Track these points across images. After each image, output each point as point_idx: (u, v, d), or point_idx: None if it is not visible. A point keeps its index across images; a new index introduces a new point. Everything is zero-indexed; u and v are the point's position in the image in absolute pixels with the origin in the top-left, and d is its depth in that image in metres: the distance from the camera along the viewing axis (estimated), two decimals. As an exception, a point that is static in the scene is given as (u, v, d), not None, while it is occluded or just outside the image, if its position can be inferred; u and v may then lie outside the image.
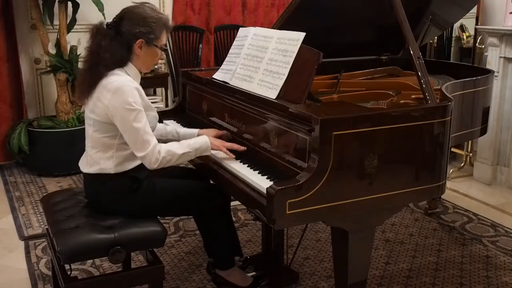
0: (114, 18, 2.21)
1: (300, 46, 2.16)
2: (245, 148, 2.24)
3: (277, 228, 1.82)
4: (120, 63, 2.18)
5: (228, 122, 2.48)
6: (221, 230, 2.42)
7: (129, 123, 2.08)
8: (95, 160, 2.20)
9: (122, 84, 2.10)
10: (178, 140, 2.45)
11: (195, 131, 2.51)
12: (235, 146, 2.24)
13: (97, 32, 2.19)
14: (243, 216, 3.51)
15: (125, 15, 2.19)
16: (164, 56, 2.33)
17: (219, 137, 2.39)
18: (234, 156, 2.20)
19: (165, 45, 2.27)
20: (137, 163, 2.22)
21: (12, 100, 4.43)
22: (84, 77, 2.21)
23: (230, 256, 2.51)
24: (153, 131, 2.19)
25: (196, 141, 2.24)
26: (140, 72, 2.28)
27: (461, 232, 3.34)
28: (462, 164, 4.50)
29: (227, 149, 2.24)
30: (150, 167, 2.14)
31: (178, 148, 2.18)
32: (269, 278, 2.58)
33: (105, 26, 2.19)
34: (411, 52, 2.21)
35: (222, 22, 5.35)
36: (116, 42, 2.16)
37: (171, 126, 2.61)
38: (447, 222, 3.49)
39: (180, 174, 2.49)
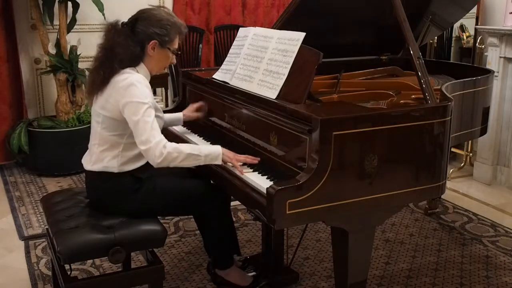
0: (129, 19, 2.23)
1: (300, 46, 2.16)
2: (259, 159, 2.18)
3: (277, 228, 1.82)
4: (133, 61, 2.20)
5: (228, 122, 2.48)
6: (221, 230, 2.43)
7: (138, 116, 2.08)
8: (100, 158, 2.20)
9: (135, 80, 2.12)
10: (165, 126, 2.54)
11: (180, 114, 2.67)
12: (249, 159, 2.17)
13: (112, 29, 2.20)
14: (243, 216, 3.51)
15: (141, 16, 2.21)
16: (175, 60, 2.34)
17: (198, 108, 2.69)
18: (243, 172, 2.11)
19: (178, 49, 2.28)
20: (141, 163, 2.23)
21: (12, 100, 4.43)
22: (96, 73, 2.20)
23: (230, 255, 2.51)
24: None
25: (207, 147, 2.21)
26: (150, 74, 2.28)
27: (461, 232, 3.34)
28: (462, 164, 4.50)
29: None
30: (154, 162, 2.09)
31: (186, 148, 2.14)
32: (269, 278, 2.58)
33: (119, 25, 2.21)
34: (411, 52, 2.21)
35: (222, 22, 5.35)
36: (130, 40, 2.18)
37: None
38: (447, 222, 3.49)
39: (180, 174, 2.49)
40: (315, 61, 2.09)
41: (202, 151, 2.17)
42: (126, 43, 2.17)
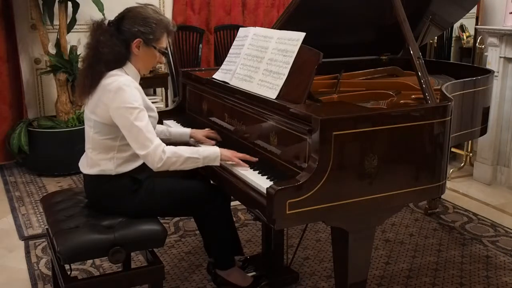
0: (116, 17, 2.21)
1: (300, 46, 2.16)
2: (257, 159, 2.17)
3: (277, 228, 1.82)
4: (119, 61, 2.17)
5: (228, 122, 2.48)
6: (221, 230, 2.42)
7: (130, 121, 2.06)
8: (96, 161, 2.19)
9: (123, 84, 2.10)
10: (169, 139, 2.48)
11: (187, 130, 2.53)
12: (248, 157, 2.16)
13: (97, 28, 2.19)
14: (243, 216, 3.51)
15: (126, 14, 2.19)
16: (164, 60, 2.32)
17: (210, 137, 2.48)
18: (248, 166, 2.12)
19: (165, 48, 2.27)
20: (137, 164, 2.22)
21: (12, 100, 4.43)
22: (84, 76, 2.19)
23: (230, 256, 2.51)
24: None
25: (205, 149, 2.20)
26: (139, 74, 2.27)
27: (461, 232, 3.34)
28: (462, 164, 4.50)
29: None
30: (153, 166, 2.09)
31: (185, 152, 2.13)
32: (269, 278, 2.58)
33: (106, 24, 2.19)
34: (411, 52, 2.21)
35: (222, 22, 5.35)
36: (115, 38, 2.15)
37: (163, 126, 2.60)
38: (447, 222, 3.49)
39: (179, 175, 2.48)
40: (315, 61, 2.09)
41: (201, 153, 2.16)
42: (110, 42, 2.14)
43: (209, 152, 2.18)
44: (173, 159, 2.10)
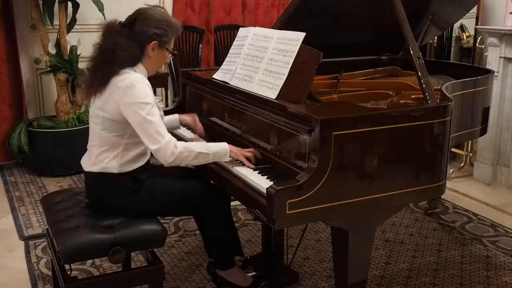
0: (127, 18, 2.22)
1: (300, 46, 2.16)
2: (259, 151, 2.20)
3: (277, 228, 1.82)
4: (132, 63, 2.19)
5: (228, 122, 2.48)
6: (221, 230, 2.43)
7: (142, 116, 2.07)
8: (100, 159, 2.20)
9: (134, 80, 2.11)
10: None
11: (175, 116, 2.59)
12: (256, 152, 2.19)
13: (111, 29, 2.19)
14: (243, 216, 3.51)
15: (139, 16, 2.20)
16: (169, 60, 2.35)
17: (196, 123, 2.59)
18: (253, 166, 2.13)
19: (174, 49, 2.28)
20: (140, 164, 2.23)
21: (12, 100, 4.43)
22: (94, 74, 2.19)
23: (230, 256, 2.51)
24: None
25: (214, 145, 2.21)
26: (147, 74, 2.28)
27: (461, 232, 3.34)
28: (462, 164, 4.50)
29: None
30: (165, 161, 2.10)
31: (196, 147, 2.15)
32: (269, 278, 2.58)
33: (119, 25, 2.19)
34: (411, 52, 2.21)
35: (222, 22, 5.35)
36: (131, 41, 2.17)
37: None
38: (447, 222, 3.49)
39: (180, 175, 2.49)
40: (315, 61, 2.09)
41: (211, 149, 2.18)
42: (126, 45, 2.16)
43: (219, 148, 2.19)
44: (185, 153, 2.11)
